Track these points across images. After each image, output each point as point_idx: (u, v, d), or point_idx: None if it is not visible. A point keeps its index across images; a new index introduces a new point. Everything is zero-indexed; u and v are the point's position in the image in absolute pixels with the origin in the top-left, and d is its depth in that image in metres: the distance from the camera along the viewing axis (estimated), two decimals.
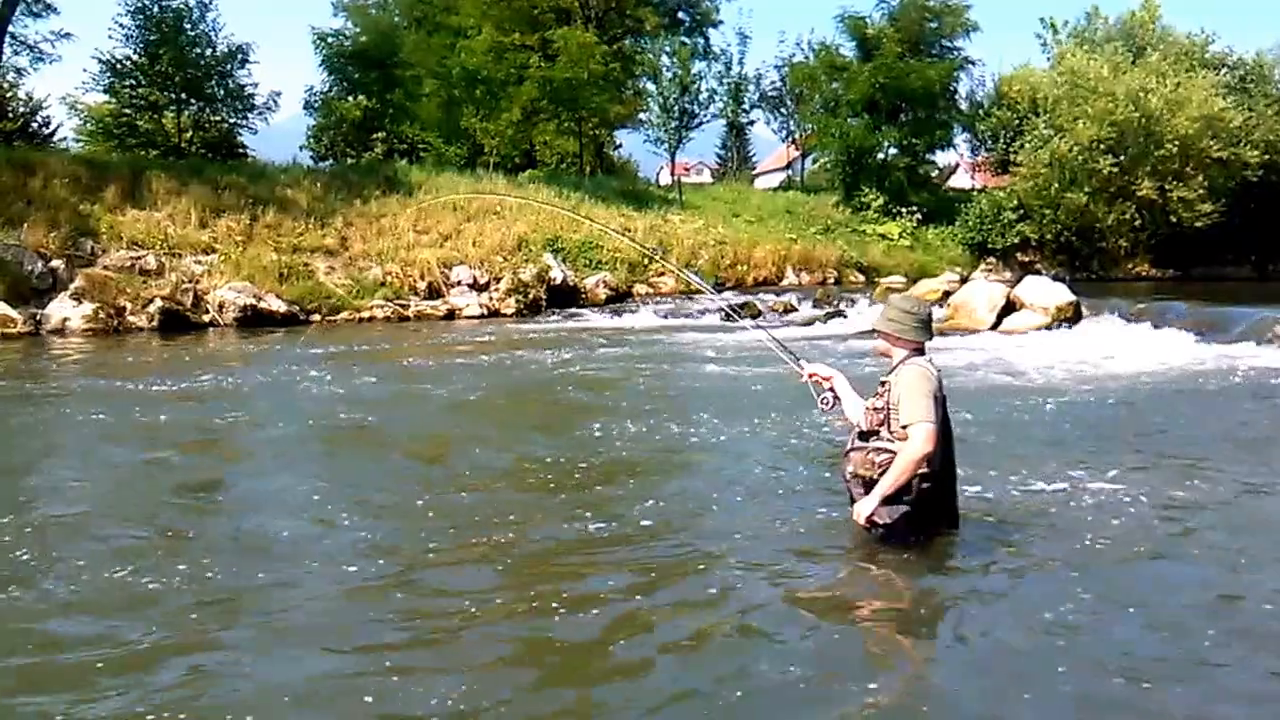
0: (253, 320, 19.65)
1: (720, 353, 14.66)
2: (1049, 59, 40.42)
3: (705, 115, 40.75)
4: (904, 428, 4.82)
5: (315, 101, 37.76)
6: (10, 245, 18.87)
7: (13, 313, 17.98)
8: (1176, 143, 33.55)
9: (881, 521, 4.89)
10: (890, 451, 4.85)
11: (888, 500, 4.83)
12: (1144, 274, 36.42)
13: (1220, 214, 34.62)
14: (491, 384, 11.98)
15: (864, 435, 5.00)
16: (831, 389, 5.34)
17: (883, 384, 5.01)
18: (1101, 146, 33.80)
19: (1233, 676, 3.82)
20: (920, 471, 4.80)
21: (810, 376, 5.42)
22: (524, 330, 19.25)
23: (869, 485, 4.89)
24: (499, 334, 18.49)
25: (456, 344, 16.75)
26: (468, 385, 11.72)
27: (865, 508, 4.88)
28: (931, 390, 4.86)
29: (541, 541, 5.42)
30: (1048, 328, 16.93)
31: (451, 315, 22.32)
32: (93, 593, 4.69)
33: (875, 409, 4.97)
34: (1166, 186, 34.44)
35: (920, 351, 5.05)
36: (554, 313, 22.81)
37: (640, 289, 26.04)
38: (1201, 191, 34.30)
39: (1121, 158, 34.18)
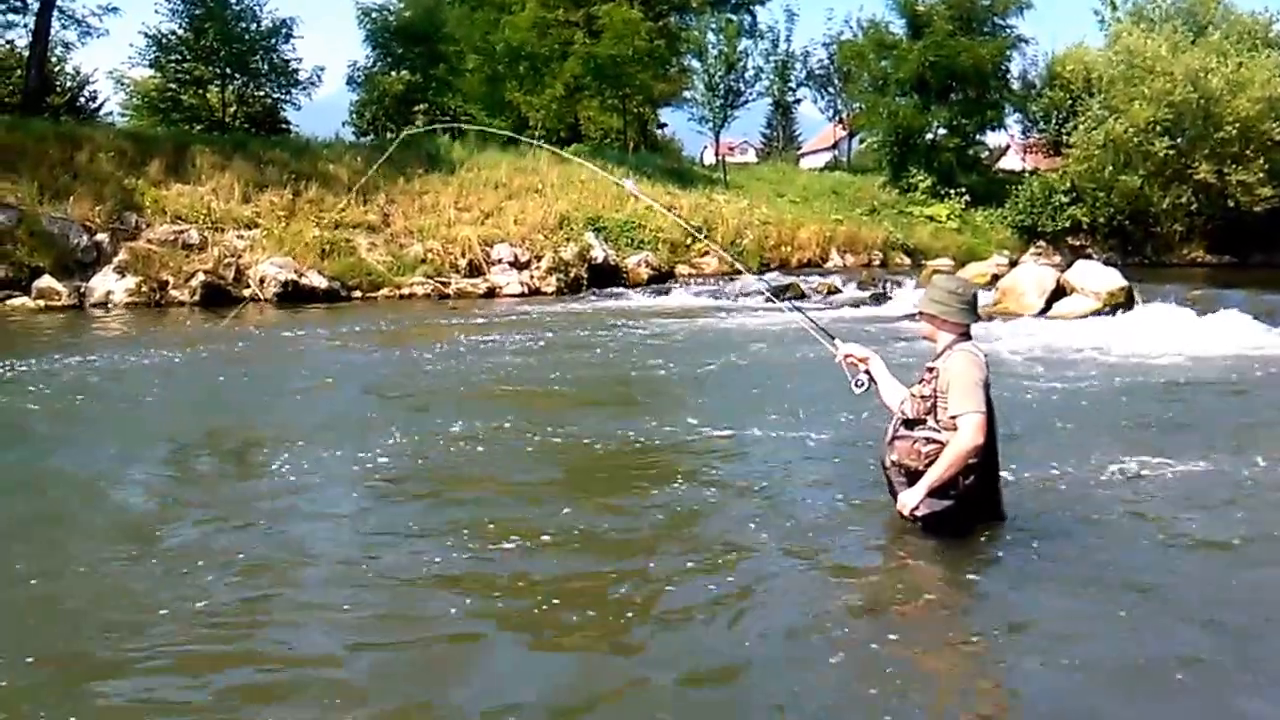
0: (293, 296, 19.68)
1: (762, 335, 14.42)
2: (1106, 37, 39.51)
3: (751, 94, 40.31)
4: (953, 418, 4.60)
5: (358, 76, 37.74)
6: (56, 218, 18.99)
7: (58, 285, 18.13)
8: (1237, 125, 32.73)
9: (925, 513, 4.68)
10: (938, 442, 4.63)
11: (933, 492, 4.61)
12: (1199, 260, 35.58)
13: None
14: (528, 365, 11.83)
15: (909, 423, 4.77)
16: (867, 371, 5.13)
17: (929, 369, 4.77)
18: (1158, 128, 33.03)
19: None
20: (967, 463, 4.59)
21: (845, 358, 5.21)
22: (564, 310, 19.10)
23: (913, 476, 4.67)
24: (539, 313, 18.35)
25: (495, 323, 16.62)
26: (504, 365, 11.58)
27: (911, 499, 4.66)
28: (982, 378, 4.64)
29: (576, 523, 5.26)
30: (1099, 313, 16.47)
31: (491, 293, 22.22)
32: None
33: (921, 396, 4.73)
34: (1225, 170, 33.59)
35: (967, 335, 4.81)
36: (594, 292, 22.62)
37: (682, 269, 25.77)
38: (1261, 175, 33.46)
39: (1179, 140, 33.40)
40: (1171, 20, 36.61)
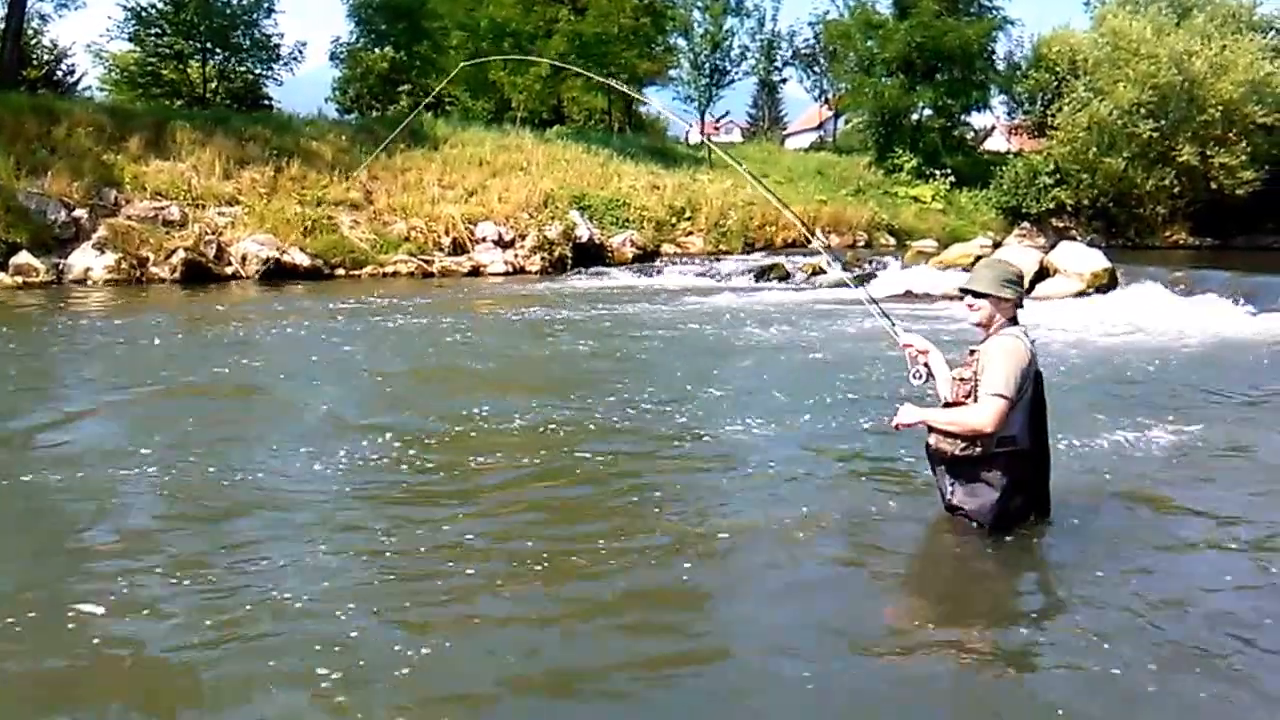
0: (275, 273, 19.50)
1: (752, 314, 14.43)
2: (1091, 19, 39.51)
3: (736, 73, 40.17)
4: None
5: (341, 53, 37.38)
6: (34, 194, 18.72)
7: (35, 262, 17.89)
8: (1220, 107, 32.87)
9: (967, 507, 4.68)
10: None
11: (977, 479, 4.59)
12: (1181, 242, 35.76)
13: (1262, 182, 33.92)
14: (515, 345, 11.78)
15: (949, 406, 4.71)
16: (926, 364, 5.00)
17: (972, 353, 4.70)
18: (1142, 110, 33.12)
19: None
20: (1007, 450, 4.53)
21: (905, 347, 5.08)
22: (548, 289, 18.99)
23: (949, 461, 4.65)
24: (522, 292, 18.25)
25: (479, 301, 16.53)
26: (489, 346, 11.52)
27: (904, 415, 4.66)
28: (1020, 364, 4.52)
29: (587, 517, 5.23)
30: (1082, 295, 16.56)
31: (475, 272, 22.08)
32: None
33: (962, 379, 4.65)
34: (1208, 152, 33.74)
35: (1014, 320, 4.71)
36: (579, 271, 22.47)
37: (668, 248, 25.71)
38: (1244, 158, 33.64)
39: (1162, 122, 33.47)
40: (1157, 3, 36.63)
